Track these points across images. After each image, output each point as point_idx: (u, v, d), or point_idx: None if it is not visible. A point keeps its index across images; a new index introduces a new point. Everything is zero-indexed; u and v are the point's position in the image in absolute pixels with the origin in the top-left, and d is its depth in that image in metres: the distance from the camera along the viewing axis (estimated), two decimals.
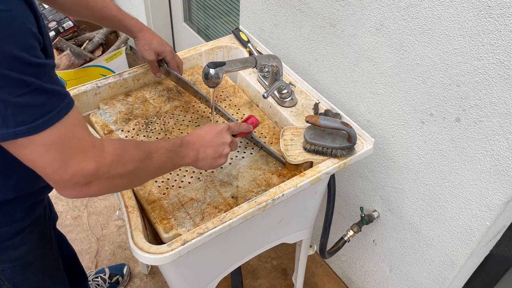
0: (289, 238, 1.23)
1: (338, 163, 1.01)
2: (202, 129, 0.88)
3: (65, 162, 0.64)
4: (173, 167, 0.83)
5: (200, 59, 1.33)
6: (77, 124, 0.66)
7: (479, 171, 0.99)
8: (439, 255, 1.20)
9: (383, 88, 1.13)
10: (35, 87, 0.60)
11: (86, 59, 2.40)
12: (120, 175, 0.71)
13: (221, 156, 0.88)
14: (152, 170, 0.78)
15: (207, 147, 0.86)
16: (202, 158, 0.86)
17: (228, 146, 0.89)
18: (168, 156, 0.80)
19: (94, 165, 0.66)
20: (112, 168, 0.69)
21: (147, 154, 0.76)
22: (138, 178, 0.77)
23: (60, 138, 0.63)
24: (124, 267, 1.70)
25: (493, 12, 0.82)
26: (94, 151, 0.67)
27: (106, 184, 0.70)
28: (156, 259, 0.81)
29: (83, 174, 0.66)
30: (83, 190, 0.67)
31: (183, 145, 0.83)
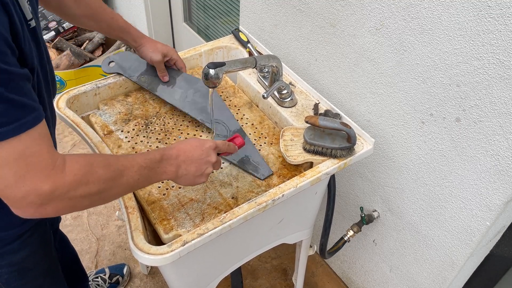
0: (289, 238, 1.23)
1: (338, 164, 1.01)
2: (187, 143, 0.84)
3: (19, 179, 0.61)
4: (148, 184, 0.79)
5: (200, 59, 1.33)
6: (40, 141, 0.63)
7: (479, 171, 0.99)
8: (439, 255, 1.20)
9: (383, 88, 1.13)
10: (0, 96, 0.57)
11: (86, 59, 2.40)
12: (81, 196, 0.67)
13: (203, 175, 0.85)
14: (121, 189, 0.74)
15: (190, 164, 0.82)
16: (183, 174, 0.82)
17: (211, 166, 0.85)
18: (142, 174, 0.75)
19: (50, 186, 0.63)
20: (71, 189, 0.65)
21: (117, 173, 0.72)
22: (102, 199, 0.72)
23: (17, 153, 0.60)
24: (124, 267, 1.70)
25: (493, 12, 0.82)
26: (52, 171, 0.63)
27: (64, 205, 0.66)
28: (156, 260, 0.81)
29: (37, 193, 0.62)
30: (38, 210, 0.64)
31: (163, 160, 0.79)
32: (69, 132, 2.30)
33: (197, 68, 1.33)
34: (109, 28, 1.09)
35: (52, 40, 2.52)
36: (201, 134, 1.14)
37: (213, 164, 0.86)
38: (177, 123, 1.16)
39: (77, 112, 1.13)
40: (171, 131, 1.13)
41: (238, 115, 1.20)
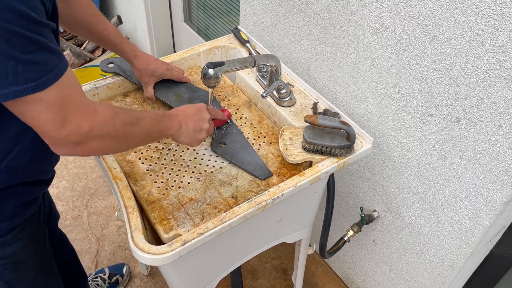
0: (288, 237, 1.23)
1: (337, 162, 1.01)
2: (183, 106, 0.95)
3: (63, 120, 0.67)
4: (159, 135, 0.87)
5: (199, 59, 1.32)
6: (74, 84, 0.69)
7: (479, 171, 0.99)
8: (439, 255, 1.20)
9: (383, 88, 1.13)
10: (42, 45, 0.63)
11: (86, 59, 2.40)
12: (111, 136, 0.75)
13: (201, 130, 0.94)
14: (139, 135, 0.82)
15: (188, 120, 0.92)
16: (184, 129, 0.91)
17: (207, 122, 0.96)
18: (154, 124, 0.85)
19: (88, 125, 0.70)
20: (104, 128, 0.73)
21: (135, 120, 0.80)
22: (126, 142, 0.80)
23: (60, 96, 0.66)
24: (124, 267, 1.70)
25: (493, 12, 0.82)
26: (88, 112, 0.70)
27: (97, 143, 0.73)
28: (156, 259, 0.81)
29: (78, 132, 0.69)
30: (76, 148, 0.71)
31: (166, 116, 0.89)
32: None
33: (195, 67, 1.33)
34: (101, 40, 1.08)
35: None
36: None
37: (208, 120, 0.96)
38: None
39: None
40: None
41: (237, 114, 1.20)
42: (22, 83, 0.62)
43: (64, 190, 2.03)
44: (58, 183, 2.05)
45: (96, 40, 1.08)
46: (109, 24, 1.07)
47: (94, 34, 1.05)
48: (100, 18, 1.05)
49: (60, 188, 2.04)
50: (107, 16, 2.93)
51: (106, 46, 1.09)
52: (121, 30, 2.81)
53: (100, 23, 1.05)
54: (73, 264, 1.40)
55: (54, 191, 2.01)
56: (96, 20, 1.04)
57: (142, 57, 1.12)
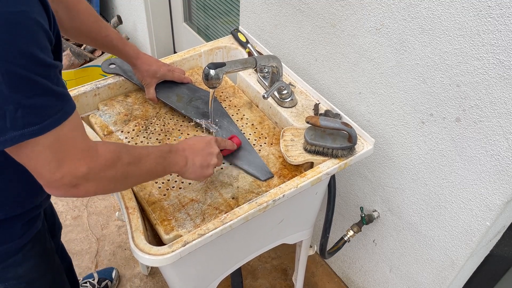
0: (289, 238, 1.23)
1: (338, 164, 1.01)
2: (191, 139, 0.92)
3: (60, 163, 0.65)
4: (163, 172, 0.84)
5: (200, 59, 1.33)
6: (77, 126, 0.67)
7: (479, 171, 0.99)
8: (439, 255, 1.20)
9: (383, 88, 1.13)
10: (46, 88, 0.61)
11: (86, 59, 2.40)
12: (109, 178, 0.72)
13: (209, 166, 0.90)
14: (142, 174, 0.79)
15: (195, 156, 0.88)
16: (191, 165, 0.88)
17: (215, 157, 0.92)
18: (158, 162, 0.81)
19: (86, 168, 0.67)
20: (102, 171, 0.70)
21: (137, 159, 0.77)
22: (126, 183, 0.78)
23: (60, 139, 0.64)
24: (113, 271, 1.69)
25: (493, 12, 0.82)
26: (88, 154, 0.68)
27: (94, 186, 0.71)
28: (157, 260, 0.81)
29: (74, 175, 0.67)
30: (70, 190, 0.68)
31: (172, 152, 0.85)
32: None
33: (196, 68, 1.33)
34: (103, 46, 1.08)
35: None
36: (201, 134, 1.14)
37: (217, 155, 0.92)
38: (177, 123, 1.16)
39: None
40: (171, 132, 1.13)
41: (238, 115, 1.20)
42: (20, 128, 0.60)
43: None
44: None
45: (98, 46, 1.09)
46: (110, 29, 1.07)
47: (96, 41, 1.06)
48: (101, 24, 1.05)
49: None
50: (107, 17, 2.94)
51: (108, 51, 1.09)
52: (121, 30, 2.81)
53: (102, 29, 1.05)
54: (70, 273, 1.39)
55: None
56: (98, 27, 1.04)
57: (144, 59, 1.12)
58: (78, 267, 1.74)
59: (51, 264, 1.02)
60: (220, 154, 0.94)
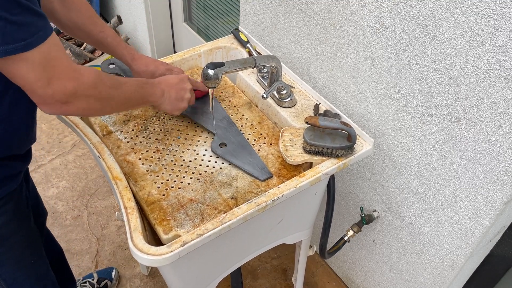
0: (288, 238, 1.23)
1: (337, 164, 1.01)
2: (166, 75, 1.02)
3: (50, 79, 0.72)
4: (141, 100, 0.93)
5: (199, 59, 1.32)
6: (58, 46, 0.74)
7: (479, 171, 0.99)
8: (439, 255, 1.20)
9: (383, 88, 1.13)
10: (28, 8, 0.68)
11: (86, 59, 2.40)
12: (94, 97, 0.80)
13: (183, 99, 1.00)
14: (122, 98, 0.87)
15: (171, 89, 0.98)
16: (167, 97, 0.97)
17: (188, 92, 1.01)
18: (136, 89, 0.90)
19: (73, 85, 0.75)
20: (88, 90, 0.78)
21: (118, 84, 0.85)
22: (109, 105, 0.85)
23: (46, 57, 0.71)
24: (113, 271, 1.68)
25: (493, 12, 0.82)
26: (74, 73, 0.75)
27: (82, 104, 0.78)
28: (156, 260, 0.81)
29: (64, 92, 0.74)
30: (62, 107, 0.76)
31: (148, 83, 0.94)
32: (69, 132, 2.30)
33: (196, 68, 1.33)
34: (98, 43, 1.08)
35: None
36: (200, 134, 1.14)
37: (190, 90, 1.02)
38: (177, 123, 1.16)
39: None
40: (171, 132, 1.13)
41: (238, 115, 1.20)
42: (11, 42, 0.67)
43: (64, 190, 2.03)
44: (58, 183, 2.05)
45: (93, 43, 1.08)
46: (106, 27, 1.07)
47: (91, 37, 1.06)
48: (97, 20, 1.05)
49: (60, 188, 2.04)
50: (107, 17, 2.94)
51: (104, 49, 1.09)
52: (121, 30, 2.81)
53: (98, 26, 1.05)
54: (60, 265, 1.39)
55: (54, 191, 2.02)
56: (93, 23, 1.04)
57: (140, 59, 1.11)
58: (78, 267, 1.75)
59: (25, 227, 1.04)
60: (192, 91, 1.04)
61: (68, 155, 2.18)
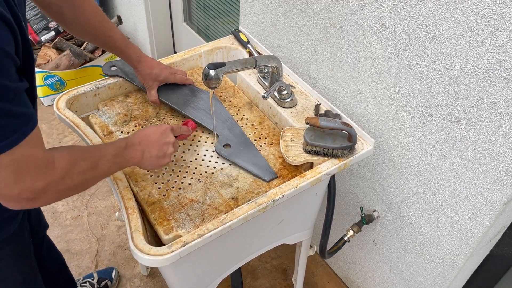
0: (289, 239, 1.23)
1: (338, 164, 1.01)
2: (147, 129, 0.93)
3: (17, 179, 0.66)
4: (119, 169, 0.87)
5: (200, 59, 1.32)
6: (36, 143, 0.68)
7: (479, 171, 0.99)
8: (439, 255, 1.20)
9: (383, 88, 1.13)
10: (4, 110, 0.62)
11: (86, 59, 2.40)
12: (67, 188, 0.74)
13: (165, 156, 0.93)
14: (98, 177, 0.82)
15: (151, 147, 0.91)
16: (147, 158, 0.90)
17: (171, 146, 0.94)
18: (114, 162, 0.84)
19: (43, 182, 0.69)
20: (60, 183, 0.72)
21: (94, 164, 0.79)
22: (84, 187, 0.79)
23: (18, 158, 0.65)
24: (113, 271, 1.68)
25: (493, 12, 0.82)
26: (45, 169, 0.70)
27: (52, 197, 0.73)
28: (156, 260, 0.81)
29: (31, 190, 0.68)
30: (28, 203, 0.70)
31: (128, 147, 0.87)
32: (69, 132, 2.30)
33: (196, 68, 1.33)
34: (105, 46, 1.08)
35: (52, 40, 2.51)
36: (201, 135, 1.14)
37: (173, 143, 0.94)
38: (177, 123, 1.16)
39: (77, 113, 1.13)
40: None
41: (238, 115, 1.20)
42: None
43: None
44: None
45: (101, 45, 1.08)
46: (114, 29, 1.06)
47: (100, 40, 1.06)
48: (106, 24, 1.04)
49: None
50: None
51: (111, 52, 1.09)
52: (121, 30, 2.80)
53: (107, 30, 1.04)
54: (62, 272, 1.39)
55: None
56: (102, 27, 1.04)
57: (146, 62, 1.12)
58: (78, 267, 1.75)
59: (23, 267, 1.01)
60: (176, 142, 0.97)
61: None
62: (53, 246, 1.36)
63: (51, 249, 1.34)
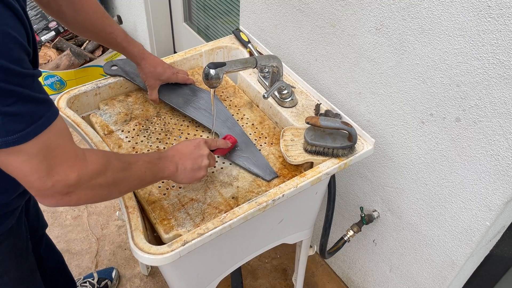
0: (289, 238, 1.23)
1: (338, 164, 1.01)
2: (179, 144, 0.91)
3: (49, 170, 0.64)
4: (154, 179, 0.84)
5: (200, 59, 1.33)
6: (62, 133, 0.67)
7: (479, 171, 0.99)
8: (439, 255, 1.20)
9: (383, 88, 1.14)
10: (24, 96, 0.61)
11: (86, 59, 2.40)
12: (100, 185, 0.72)
13: (200, 168, 0.90)
14: (132, 181, 0.79)
15: (185, 160, 0.88)
16: (182, 170, 0.88)
17: (206, 158, 0.91)
18: (148, 168, 0.81)
19: (77, 175, 0.67)
20: (93, 178, 0.70)
21: (127, 165, 0.77)
22: (118, 189, 0.77)
23: (46, 146, 0.64)
24: (113, 271, 1.68)
25: (493, 12, 0.82)
26: (77, 161, 0.68)
27: (86, 194, 0.70)
28: (157, 259, 0.81)
29: (65, 183, 0.66)
30: (63, 199, 0.68)
31: (161, 158, 0.85)
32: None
33: (197, 68, 1.33)
34: (107, 43, 1.07)
35: (52, 40, 2.52)
36: (201, 134, 1.14)
37: (207, 156, 0.92)
38: (178, 123, 1.16)
39: (78, 112, 1.13)
40: (172, 131, 1.13)
41: (239, 115, 1.20)
42: (3, 135, 0.60)
43: None
44: None
45: (103, 43, 1.08)
46: (115, 26, 1.06)
47: (100, 37, 1.05)
48: (106, 21, 1.03)
49: None
50: None
51: (114, 49, 1.09)
52: None
53: (107, 27, 1.03)
54: (61, 271, 1.38)
55: None
56: (102, 24, 1.03)
57: (149, 60, 1.11)
58: (78, 267, 1.75)
59: (20, 264, 1.00)
60: (211, 155, 0.94)
61: None
62: (52, 246, 1.35)
63: (50, 249, 1.34)
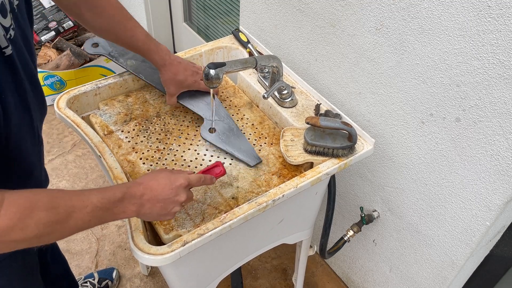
0: (289, 238, 1.23)
1: (338, 164, 1.01)
2: (157, 180, 0.78)
3: None
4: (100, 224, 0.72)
5: (200, 59, 1.33)
6: None
7: (479, 171, 0.99)
8: (439, 255, 1.20)
9: (383, 88, 1.13)
10: None
11: (86, 59, 2.40)
12: (15, 240, 0.62)
13: (168, 214, 0.80)
14: (67, 231, 0.68)
15: (155, 203, 0.77)
16: (145, 213, 0.77)
17: (179, 205, 0.80)
18: (95, 215, 0.69)
19: None
20: (5, 234, 0.60)
21: (64, 216, 0.65)
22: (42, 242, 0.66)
23: None
24: (113, 271, 1.69)
25: (493, 12, 0.82)
26: None
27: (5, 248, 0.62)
28: (157, 260, 0.81)
29: None
30: None
31: (124, 200, 0.73)
32: (69, 132, 2.30)
33: None
34: (128, 46, 1.04)
35: (52, 40, 2.52)
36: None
37: (182, 202, 0.81)
38: (177, 123, 1.16)
39: (77, 112, 1.13)
40: (171, 131, 1.13)
41: (239, 115, 1.20)
42: None
43: None
44: (58, 183, 2.05)
45: (124, 46, 1.05)
46: (137, 29, 1.02)
47: (121, 40, 1.03)
48: (127, 24, 1.00)
49: (60, 188, 2.04)
50: None
51: (136, 52, 1.06)
52: None
53: (128, 30, 1.00)
54: (65, 275, 1.38)
55: None
56: (123, 27, 1.00)
57: (170, 67, 1.07)
58: (78, 267, 1.75)
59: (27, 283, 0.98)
60: (188, 199, 0.82)
61: (68, 155, 2.18)
62: (58, 251, 1.35)
63: (55, 254, 1.33)
